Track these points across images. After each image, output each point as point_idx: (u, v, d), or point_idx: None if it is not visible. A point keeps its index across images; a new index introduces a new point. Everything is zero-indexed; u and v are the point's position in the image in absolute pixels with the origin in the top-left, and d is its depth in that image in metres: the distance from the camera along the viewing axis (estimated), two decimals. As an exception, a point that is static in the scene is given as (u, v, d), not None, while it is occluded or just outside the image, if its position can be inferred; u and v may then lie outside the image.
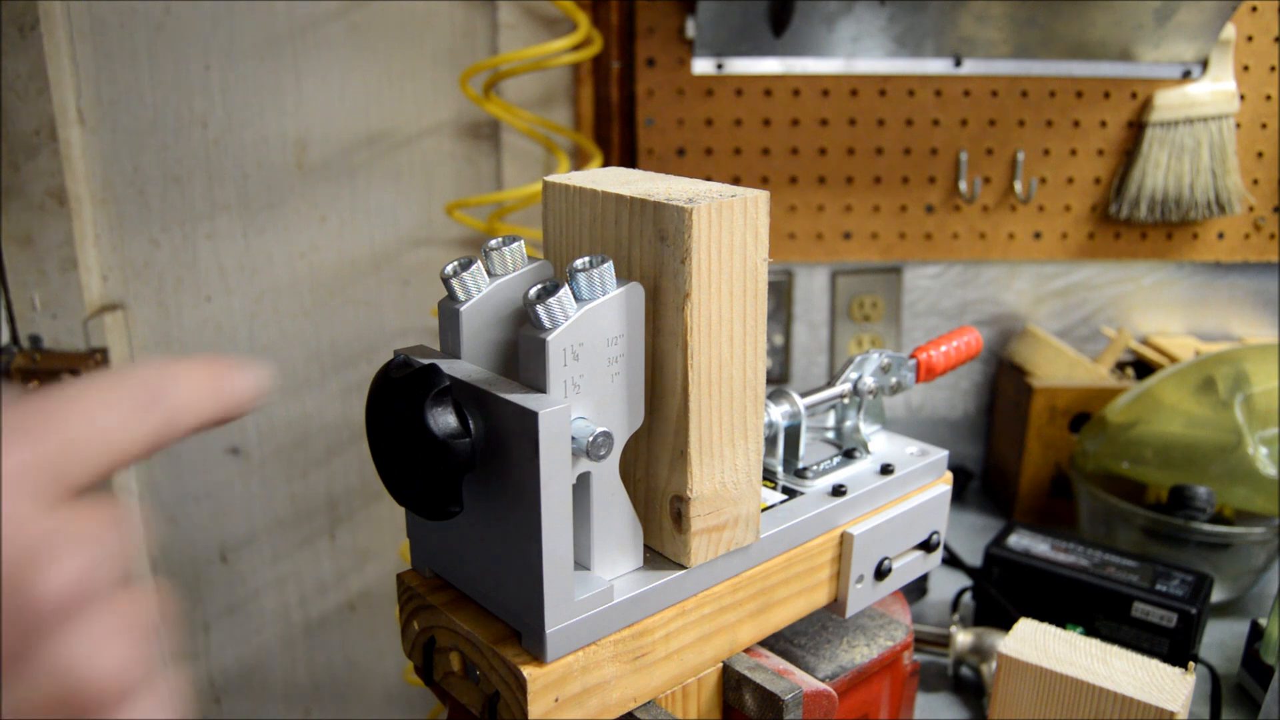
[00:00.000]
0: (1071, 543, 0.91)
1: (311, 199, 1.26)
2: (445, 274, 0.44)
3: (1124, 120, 1.22)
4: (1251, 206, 1.25)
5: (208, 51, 1.20)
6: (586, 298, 0.41)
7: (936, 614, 0.97)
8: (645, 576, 0.45)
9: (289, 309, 1.30)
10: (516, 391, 0.40)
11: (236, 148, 1.23)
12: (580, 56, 1.11)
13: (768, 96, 1.20)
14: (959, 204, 1.25)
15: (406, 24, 1.22)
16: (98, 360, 1.23)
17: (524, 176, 1.26)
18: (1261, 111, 1.22)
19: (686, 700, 0.49)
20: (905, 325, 1.31)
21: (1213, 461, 0.96)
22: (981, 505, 1.25)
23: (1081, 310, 1.30)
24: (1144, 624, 0.83)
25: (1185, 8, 1.11)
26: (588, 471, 0.42)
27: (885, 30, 1.15)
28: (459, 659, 0.45)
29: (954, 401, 1.33)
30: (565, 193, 0.47)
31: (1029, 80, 1.21)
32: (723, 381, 0.45)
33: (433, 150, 1.27)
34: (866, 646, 0.57)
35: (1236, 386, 0.97)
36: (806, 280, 1.29)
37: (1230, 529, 0.93)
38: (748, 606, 0.50)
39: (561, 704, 0.42)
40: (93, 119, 1.20)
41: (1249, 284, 1.29)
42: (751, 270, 0.44)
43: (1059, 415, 1.16)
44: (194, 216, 1.25)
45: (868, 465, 0.59)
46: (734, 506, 0.47)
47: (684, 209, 0.41)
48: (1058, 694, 0.64)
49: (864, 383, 0.61)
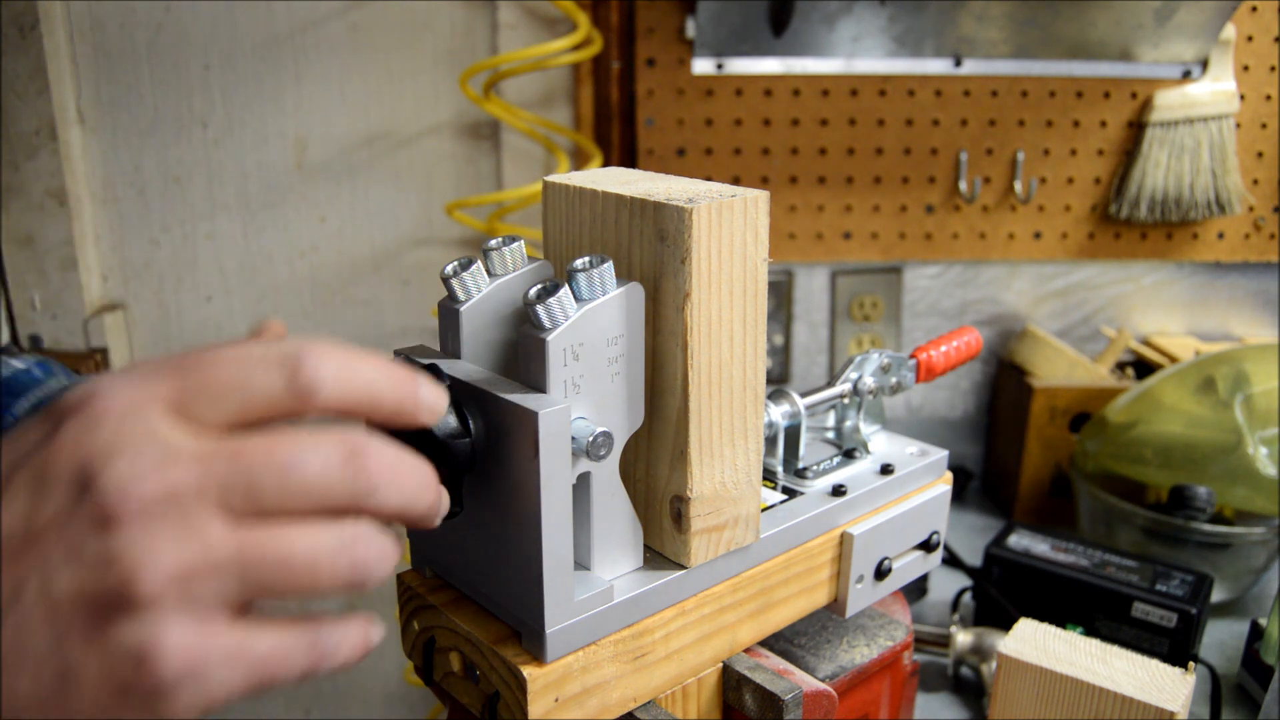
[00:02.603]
0: (1071, 543, 0.91)
1: (311, 199, 1.26)
2: (445, 274, 0.44)
3: (1124, 120, 1.22)
4: (1251, 206, 1.25)
5: (208, 51, 1.20)
6: (586, 298, 0.41)
7: (936, 614, 0.97)
8: (645, 576, 0.45)
9: (289, 309, 1.30)
10: (516, 391, 0.40)
11: (236, 148, 1.23)
12: (580, 56, 1.11)
13: (768, 96, 1.20)
14: (959, 204, 1.25)
15: (406, 24, 1.22)
16: (98, 361, 1.23)
17: (524, 176, 1.26)
18: (1261, 111, 1.22)
19: (686, 700, 0.49)
20: (905, 325, 1.31)
21: (1213, 461, 0.96)
22: (981, 505, 1.25)
23: (1081, 310, 1.30)
24: (1144, 624, 0.83)
25: (1185, 8, 1.11)
26: (588, 471, 0.42)
27: (885, 30, 1.15)
28: (459, 659, 0.45)
29: (954, 401, 1.33)
30: (565, 193, 0.47)
31: (1029, 80, 1.21)
32: (723, 381, 0.45)
33: (433, 150, 1.27)
34: (866, 646, 0.57)
35: (1236, 386, 0.97)
36: (806, 280, 1.29)
37: (1230, 529, 0.93)
38: (748, 606, 0.50)
39: (561, 704, 0.42)
40: (93, 119, 1.20)
41: (1249, 284, 1.29)
42: (751, 270, 0.44)
43: (1059, 415, 1.16)
44: (194, 216, 1.25)
45: (868, 465, 0.59)
46: (734, 506, 0.47)
47: (684, 209, 0.41)
48: (1058, 694, 0.64)
49: (864, 383, 0.61)
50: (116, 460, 0.28)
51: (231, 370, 0.30)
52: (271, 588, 0.30)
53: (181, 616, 0.28)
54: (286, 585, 0.30)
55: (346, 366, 0.31)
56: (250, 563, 0.29)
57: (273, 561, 0.29)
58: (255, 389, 0.30)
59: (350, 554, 0.30)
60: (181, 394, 0.30)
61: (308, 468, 0.30)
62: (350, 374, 0.31)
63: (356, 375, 0.31)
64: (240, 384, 0.30)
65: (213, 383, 0.30)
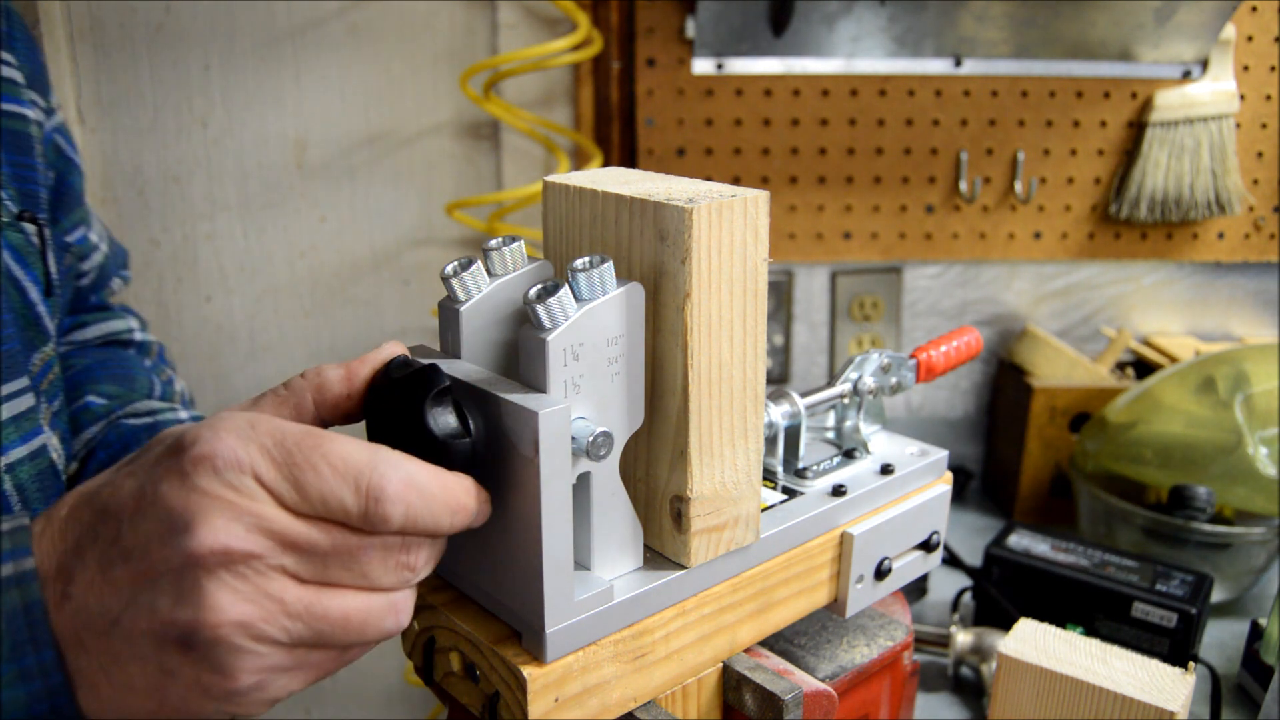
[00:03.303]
0: (1071, 543, 0.91)
1: (311, 199, 1.26)
2: (445, 274, 0.44)
3: (1124, 120, 1.22)
4: (1251, 206, 1.25)
5: (208, 51, 1.20)
6: (586, 298, 0.41)
7: (936, 614, 0.97)
8: (645, 576, 0.45)
9: (289, 309, 1.30)
10: (516, 391, 0.40)
11: (236, 148, 1.23)
12: (580, 56, 1.11)
13: (768, 96, 1.20)
14: (959, 204, 1.25)
15: (406, 24, 1.22)
16: (98, 360, 1.23)
17: (524, 176, 1.26)
18: (1261, 111, 1.22)
19: (686, 700, 0.49)
20: (905, 325, 1.31)
21: (1213, 461, 0.96)
22: (981, 505, 1.25)
23: (1081, 310, 1.30)
24: (1144, 624, 0.83)
25: (1185, 8, 1.11)
26: (588, 471, 0.42)
27: (885, 30, 1.15)
28: (459, 659, 0.45)
29: (954, 401, 1.33)
30: (565, 193, 0.47)
31: (1029, 80, 1.21)
32: (723, 381, 0.45)
33: (433, 150, 1.27)
34: (866, 646, 0.57)
35: (1236, 386, 0.97)
36: (806, 280, 1.29)
37: (1230, 529, 0.93)
38: (748, 606, 0.50)
39: (561, 704, 0.42)
40: (92, 119, 1.20)
41: (1249, 284, 1.29)
42: (751, 270, 0.44)
43: (1059, 415, 1.16)
44: (194, 216, 1.25)
45: (868, 465, 0.59)
46: (734, 506, 0.47)
47: (684, 209, 0.41)
48: (1058, 694, 0.64)
49: (864, 383, 0.61)
50: (213, 516, 0.34)
51: (325, 483, 0.35)
52: (330, 637, 0.36)
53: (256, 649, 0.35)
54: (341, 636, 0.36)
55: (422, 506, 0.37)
56: (316, 616, 0.35)
57: (335, 618, 0.36)
58: (335, 507, 0.35)
59: (395, 615, 0.38)
60: (278, 481, 0.35)
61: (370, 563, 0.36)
62: (421, 515, 0.37)
63: (424, 516, 0.37)
64: (325, 498, 0.35)
65: (305, 486, 0.35)
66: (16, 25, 0.63)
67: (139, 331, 0.80)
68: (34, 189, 0.59)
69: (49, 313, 0.57)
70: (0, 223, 0.53)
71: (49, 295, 0.57)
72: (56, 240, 0.66)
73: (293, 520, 0.35)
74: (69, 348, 0.74)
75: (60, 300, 0.64)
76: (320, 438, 0.36)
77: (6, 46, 0.59)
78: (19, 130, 0.58)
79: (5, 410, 0.51)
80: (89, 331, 0.76)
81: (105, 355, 0.74)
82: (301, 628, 0.35)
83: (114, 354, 0.75)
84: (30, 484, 0.52)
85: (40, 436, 0.53)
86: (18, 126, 0.58)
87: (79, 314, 0.77)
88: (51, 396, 0.58)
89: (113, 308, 0.80)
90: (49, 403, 0.57)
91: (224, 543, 0.34)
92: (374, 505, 0.35)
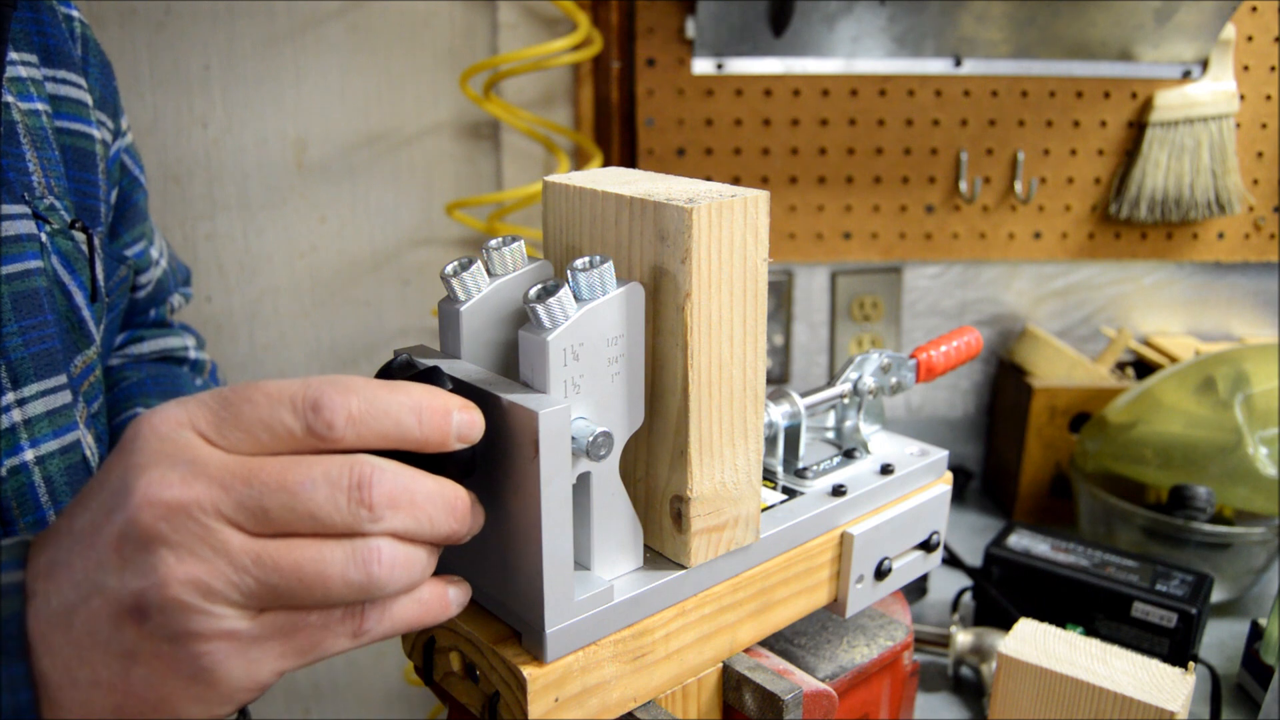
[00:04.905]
0: (1071, 543, 0.91)
1: (311, 199, 1.26)
2: (445, 274, 0.44)
3: (1124, 120, 1.22)
4: (1251, 206, 1.25)
5: (208, 51, 1.20)
6: (586, 298, 0.41)
7: (936, 614, 0.97)
8: (645, 576, 0.45)
9: (289, 309, 1.30)
10: (517, 391, 0.40)
11: (236, 148, 1.23)
12: (580, 56, 1.12)
13: (768, 96, 1.20)
14: (959, 204, 1.25)
15: (406, 24, 1.22)
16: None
17: (524, 176, 1.26)
18: (1261, 111, 1.22)
19: (686, 700, 0.49)
20: (905, 325, 1.31)
21: (1213, 461, 0.96)
22: (981, 505, 1.25)
23: (1081, 310, 1.30)
24: (1144, 624, 0.83)
25: (1185, 8, 1.11)
26: (588, 471, 0.42)
27: (885, 30, 1.15)
28: (459, 659, 0.45)
29: (954, 401, 1.33)
30: (565, 193, 0.47)
31: (1029, 80, 1.21)
32: (723, 381, 0.45)
33: (433, 150, 1.27)
34: (866, 646, 0.57)
35: (1236, 386, 0.97)
36: (806, 280, 1.29)
37: (1230, 529, 0.93)
38: (748, 606, 0.50)
39: (561, 704, 0.42)
40: (93, 119, 1.20)
41: (1249, 284, 1.29)
42: (751, 270, 0.44)
43: (1059, 415, 1.16)
44: (194, 216, 1.25)
45: (868, 465, 0.59)
46: (734, 506, 0.47)
47: (684, 209, 0.41)
48: (1058, 694, 0.64)
49: (864, 383, 0.61)
50: (149, 471, 0.33)
51: (260, 410, 0.34)
52: (289, 593, 0.34)
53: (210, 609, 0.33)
54: (300, 591, 0.34)
55: (368, 406, 0.35)
56: (266, 567, 0.33)
57: (286, 567, 0.33)
58: (278, 428, 0.34)
59: (361, 565, 0.34)
60: (217, 424, 0.34)
61: (313, 496, 0.33)
62: (370, 414, 0.35)
63: (378, 415, 0.35)
64: (265, 422, 0.34)
65: (243, 418, 0.34)
66: (93, 51, 0.67)
67: (194, 350, 0.82)
68: (93, 204, 0.61)
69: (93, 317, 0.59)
70: (52, 230, 0.54)
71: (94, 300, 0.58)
72: (115, 253, 0.69)
73: (227, 457, 0.34)
74: (123, 360, 0.76)
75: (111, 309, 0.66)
76: (257, 381, 0.35)
77: (79, 71, 0.62)
78: (83, 148, 0.61)
79: (41, 404, 0.52)
80: (145, 346, 0.78)
81: (158, 371, 0.76)
82: (251, 582, 0.33)
83: (167, 370, 0.77)
84: (59, 477, 0.52)
85: (74, 432, 0.54)
86: (82, 144, 0.61)
87: (137, 329, 0.79)
88: (91, 399, 0.59)
89: (171, 324, 0.82)
90: (88, 404, 0.58)
91: (158, 494, 0.32)
92: (313, 414, 0.34)
